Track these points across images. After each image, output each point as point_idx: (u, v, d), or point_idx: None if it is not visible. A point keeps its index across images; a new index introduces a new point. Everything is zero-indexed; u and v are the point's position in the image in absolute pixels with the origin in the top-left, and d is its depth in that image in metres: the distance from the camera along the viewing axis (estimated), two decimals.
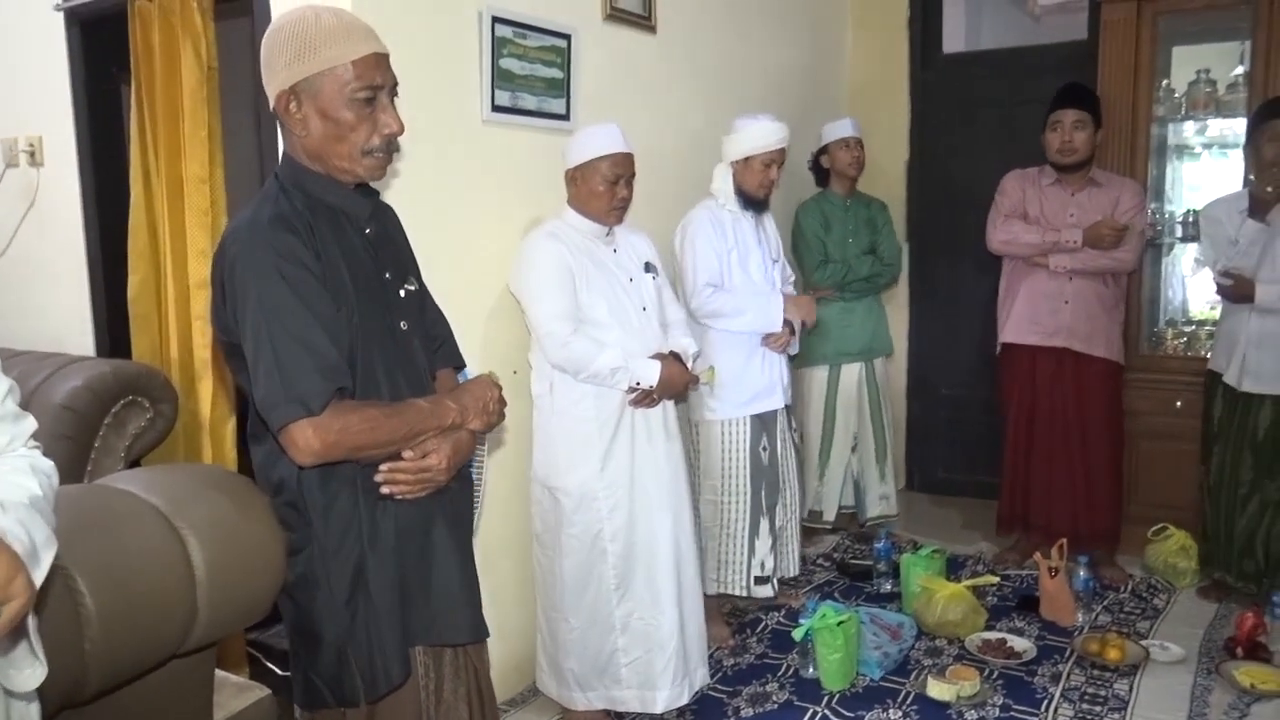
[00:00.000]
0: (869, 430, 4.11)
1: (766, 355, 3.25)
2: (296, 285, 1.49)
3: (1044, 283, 3.67)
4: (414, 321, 1.71)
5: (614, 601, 2.68)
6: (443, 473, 1.63)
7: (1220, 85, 3.93)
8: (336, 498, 1.59)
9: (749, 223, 3.26)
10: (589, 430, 2.65)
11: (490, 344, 2.76)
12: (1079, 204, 3.64)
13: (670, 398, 2.79)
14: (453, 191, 2.65)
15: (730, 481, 3.21)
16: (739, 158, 3.17)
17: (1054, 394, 3.70)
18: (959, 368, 4.81)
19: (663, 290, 2.92)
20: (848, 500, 4.19)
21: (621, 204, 2.72)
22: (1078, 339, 3.63)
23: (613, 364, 2.60)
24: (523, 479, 2.85)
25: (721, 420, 3.20)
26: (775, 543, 3.26)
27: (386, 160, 1.62)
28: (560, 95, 2.96)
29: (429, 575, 1.68)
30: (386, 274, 1.67)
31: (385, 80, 1.58)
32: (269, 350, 1.47)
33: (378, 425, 1.53)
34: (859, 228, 4.06)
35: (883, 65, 4.83)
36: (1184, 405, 3.85)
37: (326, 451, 1.50)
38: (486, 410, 1.71)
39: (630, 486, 2.69)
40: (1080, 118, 3.59)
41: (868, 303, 4.07)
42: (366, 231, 1.66)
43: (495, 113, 2.74)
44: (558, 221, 2.74)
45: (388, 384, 1.61)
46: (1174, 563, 3.67)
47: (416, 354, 1.70)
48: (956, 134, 4.73)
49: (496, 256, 2.77)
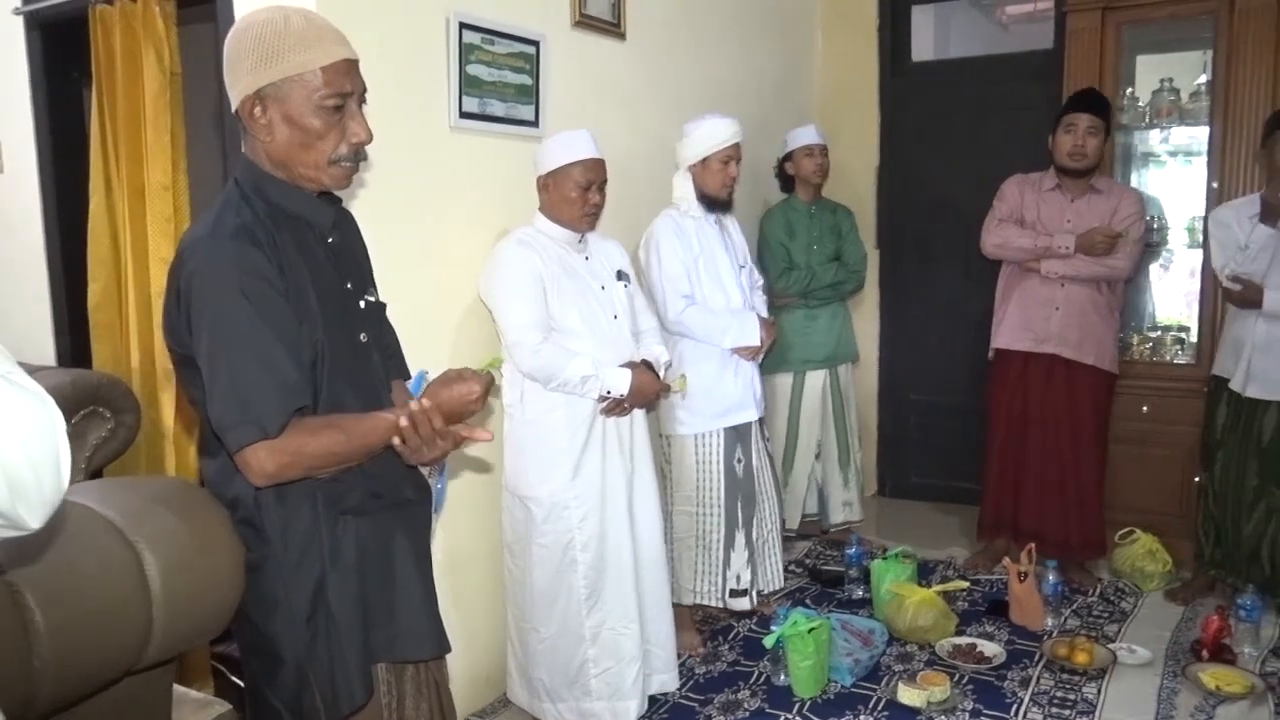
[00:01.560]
0: (832, 437, 4.13)
1: (740, 366, 3.23)
2: (258, 301, 1.45)
3: (1036, 289, 3.67)
4: (373, 333, 1.67)
5: (584, 612, 2.66)
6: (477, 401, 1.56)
7: (1184, 94, 3.99)
8: (295, 514, 1.55)
9: (713, 228, 3.24)
10: (560, 439, 2.64)
11: (460, 353, 2.74)
12: (1077, 210, 3.64)
13: (642, 406, 2.78)
14: (421, 199, 2.63)
15: (705, 495, 3.18)
16: (695, 160, 3.15)
17: (1045, 401, 3.70)
18: (930, 373, 4.84)
19: (635, 298, 2.90)
20: (812, 508, 4.20)
21: (594, 210, 2.71)
22: (1068, 346, 3.63)
23: (583, 372, 2.58)
24: (494, 488, 2.83)
25: (694, 434, 3.18)
26: (752, 556, 3.23)
27: (353, 169, 1.59)
28: (529, 102, 2.94)
29: (391, 590, 1.65)
30: (348, 284, 1.64)
31: (355, 87, 1.55)
32: (226, 368, 1.43)
33: (335, 447, 1.49)
34: (824, 234, 4.07)
35: (852, 72, 4.85)
36: (1150, 410, 3.88)
37: (280, 474, 1.47)
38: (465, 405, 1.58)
39: (601, 496, 2.67)
40: (1095, 124, 3.56)
41: (832, 309, 4.08)
42: (329, 241, 1.63)
43: (463, 119, 2.72)
44: (529, 229, 2.73)
45: (351, 398, 1.58)
46: (1141, 566, 3.70)
47: (375, 367, 1.67)
48: (926, 140, 4.76)
49: (466, 264, 2.75)
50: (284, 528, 1.55)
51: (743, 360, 3.23)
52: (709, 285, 3.19)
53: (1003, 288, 3.83)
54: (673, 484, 3.22)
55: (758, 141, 4.12)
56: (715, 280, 3.20)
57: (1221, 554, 3.52)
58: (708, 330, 3.15)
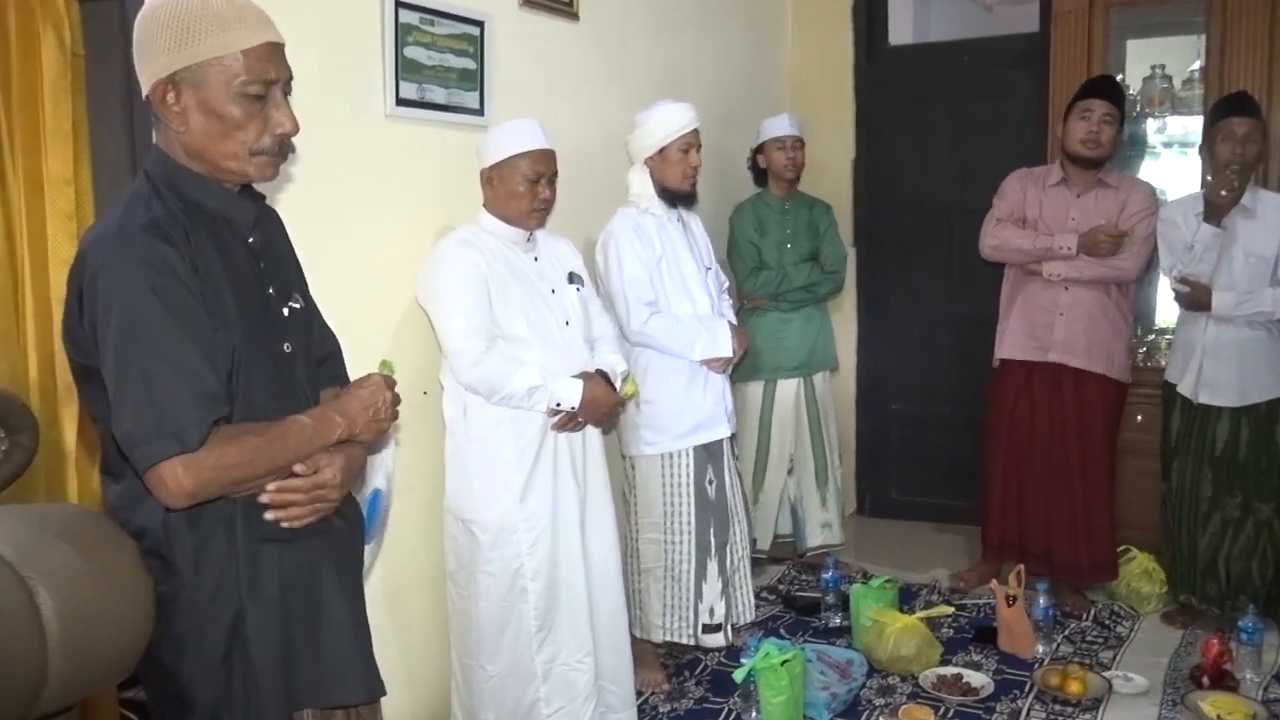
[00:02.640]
0: (808, 451, 4.14)
1: (709, 379, 3.23)
2: (170, 301, 1.43)
3: (1039, 293, 3.70)
4: (299, 343, 1.66)
5: (535, 646, 2.65)
6: (336, 490, 1.60)
7: (1176, 81, 4.07)
8: (209, 541, 1.53)
9: (675, 227, 3.24)
10: (507, 458, 2.62)
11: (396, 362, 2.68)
12: (1082, 208, 3.67)
13: (596, 421, 2.78)
14: (353, 194, 2.61)
15: (673, 520, 3.16)
16: (652, 152, 3.13)
17: (1052, 414, 3.73)
18: (912, 382, 4.88)
19: (589, 302, 2.90)
20: (785, 528, 4.21)
21: (544, 205, 2.71)
22: (1074, 354, 3.66)
23: (530, 383, 2.58)
24: (434, 511, 2.81)
25: (661, 454, 3.16)
26: (726, 586, 3.22)
27: (278, 161, 1.58)
28: (473, 88, 2.94)
29: (317, 627, 1.62)
30: (270, 290, 1.62)
31: (279, 73, 1.54)
32: (136, 376, 1.41)
33: (258, 454, 1.49)
34: (798, 232, 4.10)
35: (826, 58, 4.90)
36: (1145, 420, 3.95)
37: (199, 491, 1.45)
38: (378, 418, 1.67)
39: (553, 519, 2.66)
40: (1111, 112, 3.58)
41: (807, 313, 4.09)
42: (250, 241, 1.62)
43: (400, 107, 2.71)
44: (472, 227, 2.72)
45: (270, 413, 1.56)
46: (1137, 587, 3.76)
47: (300, 380, 1.66)
48: (906, 130, 4.82)
49: (404, 266, 2.74)
50: (196, 557, 1.52)
51: (713, 372, 3.24)
52: (674, 290, 3.19)
53: (1007, 293, 3.86)
54: (637, 510, 3.21)
55: (724, 132, 4.15)
56: (680, 284, 3.20)
57: (1178, 570, 3.60)
58: (675, 341, 3.14)
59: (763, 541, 4.11)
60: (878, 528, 4.88)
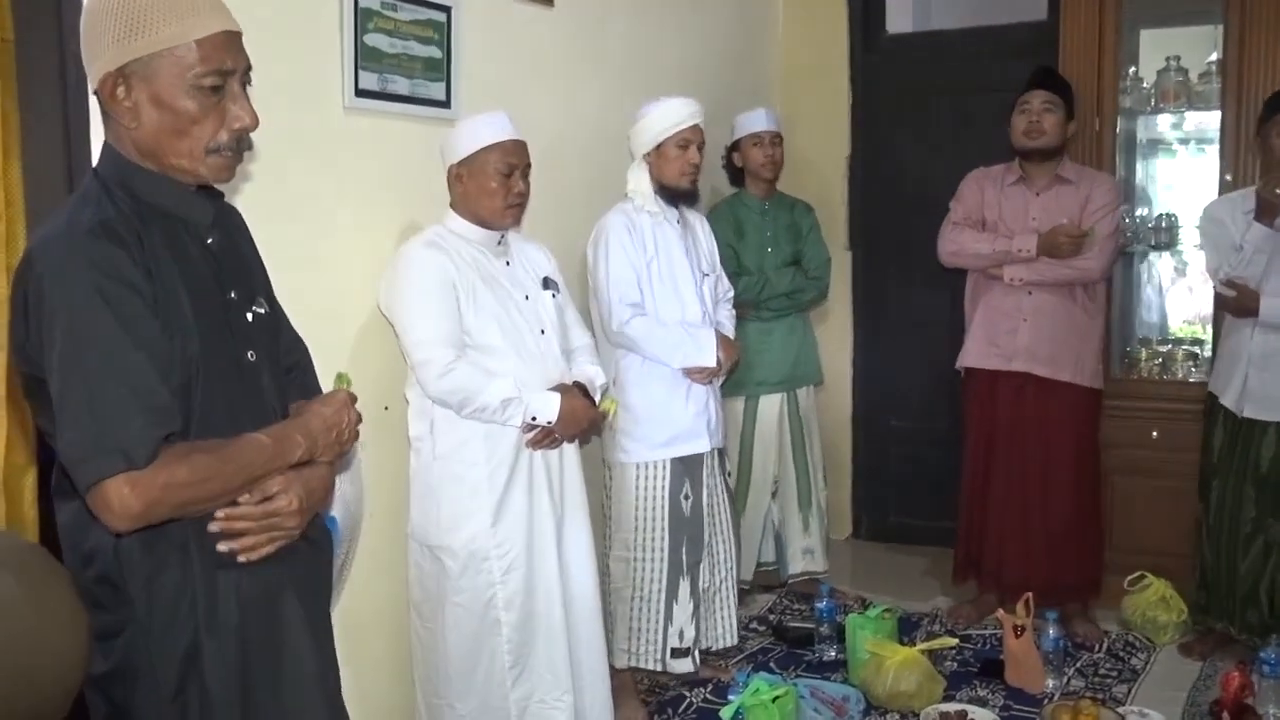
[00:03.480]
0: (791, 472, 4.14)
1: (692, 389, 3.26)
2: (120, 309, 1.44)
3: (1001, 299, 3.78)
4: (264, 351, 1.67)
5: (509, 683, 2.64)
6: (295, 517, 1.59)
7: (1192, 74, 4.10)
8: (163, 566, 1.53)
9: (674, 228, 3.27)
10: (478, 477, 2.62)
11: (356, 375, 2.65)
12: (1043, 206, 3.75)
13: (574, 437, 2.78)
14: (308, 193, 2.60)
15: (645, 535, 3.20)
16: (650, 148, 3.20)
17: (1015, 425, 3.80)
18: (912, 395, 4.90)
19: (565, 310, 2.91)
20: (769, 555, 4.21)
21: (519, 200, 2.72)
22: (1039, 362, 3.73)
23: (503, 395, 2.58)
24: (397, 537, 2.80)
25: (636, 463, 3.20)
26: (698, 609, 3.25)
27: (236, 159, 1.59)
28: (440, 78, 2.94)
29: (279, 661, 1.62)
30: (232, 294, 1.63)
31: (236, 64, 1.55)
32: (81, 388, 1.42)
33: (210, 474, 1.49)
34: (779, 234, 4.11)
35: (818, 46, 4.93)
36: (1161, 435, 3.98)
37: (147, 513, 1.44)
38: (340, 439, 1.68)
39: (528, 544, 2.66)
40: (1050, 99, 3.70)
41: (789, 323, 4.10)
42: (208, 242, 1.62)
43: (360, 98, 2.71)
44: (439, 228, 2.72)
45: (230, 430, 1.56)
46: (1154, 616, 3.78)
47: (266, 391, 1.66)
48: (904, 125, 4.85)
49: (364, 271, 2.73)
50: (149, 583, 1.52)
51: (696, 383, 3.25)
52: (663, 293, 3.21)
53: (969, 298, 3.94)
54: (611, 523, 3.24)
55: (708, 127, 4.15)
56: (671, 288, 3.23)
57: (1207, 597, 3.62)
58: (656, 346, 3.17)
59: (744, 571, 4.09)
60: (875, 553, 4.89)
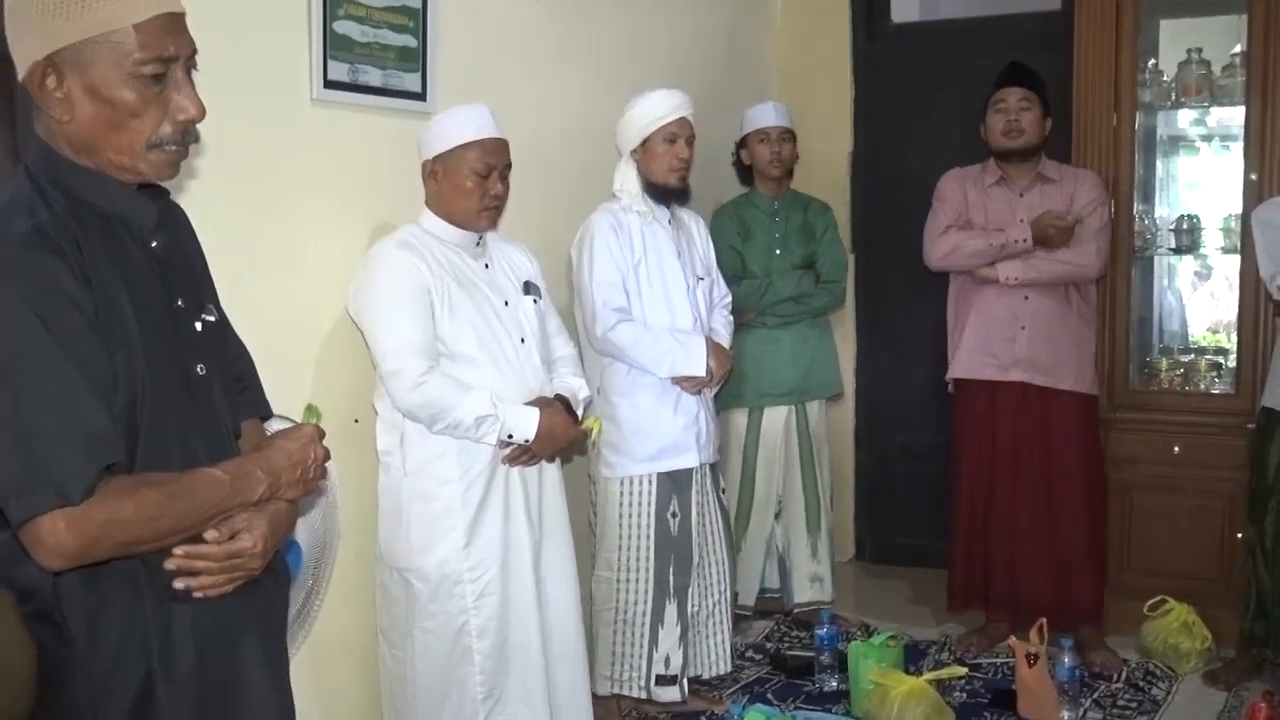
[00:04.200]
0: (797, 492, 4.13)
1: (681, 400, 3.26)
2: (55, 325, 1.40)
3: (994, 303, 3.80)
4: (214, 363, 1.64)
5: (481, 715, 2.64)
6: (259, 558, 1.57)
7: (1215, 66, 4.12)
8: (108, 602, 1.49)
9: (665, 229, 3.28)
10: (450, 495, 2.62)
11: (324, 385, 2.71)
12: (1028, 205, 3.80)
13: (554, 455, 2.78)
14: (274, 191, 2.60)
15: (629, 555, 3.21)
16: (636, 143, 3.21)
17: (1016, 439, 3.81)
18: (918, 408, 4.89)
19: (547, 317, 2.91)
20: (772, 582, 4.20)
21: (495, 203, 2.72)
22: (1039, 371, 3.76)
23: (478, 411, 2.57)
24: (365, 558, 2.79)
25: (621, 477, 3.21)
26: (685, 634, 3.25)
27: (181, 154, 1.56)
28: (414, 69, 2.94)
29: (236, 705, 1.60)
30: (179, 301, 1.60)
31: (180, 48, 1.51)
32: (11, 414, 1.38)
33: (158, 512, 1.45)
34: (790, 236, 4.11)
35: (819, 36, 4.94)
36: (1183, 450, 3.98)
37: (84, 552, 1.41)
38: (305, 477, 1.65)
39: (503, 568, 2.66)
40: (1027, 97, 3.76)
41: (799, 331, 4.09)
42: (152, 245, 1.59)
43: (329, 90, 2.71)
44: (413, 228, 2.72)
45: (180, 451, 1.54)
46: (1175, 643, 3.77)
47: (218, 407, 1.64)
48: (910, 121, 4.86)
49: (333, 273, 2.73)
50: (92, 621, 1.48)
51: (685, 392, 3.25)
52: (651, 298, 3.22)
53: (954, 305, 3.96)
54: (595, 540, 3.24)
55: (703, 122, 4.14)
56: (660, 292, 3.24)
57: (1265, 627, 3.61)
58: (642, 353, 3.18)
59: (746, 597, 4.10)
60: (880, 576, 4.89)
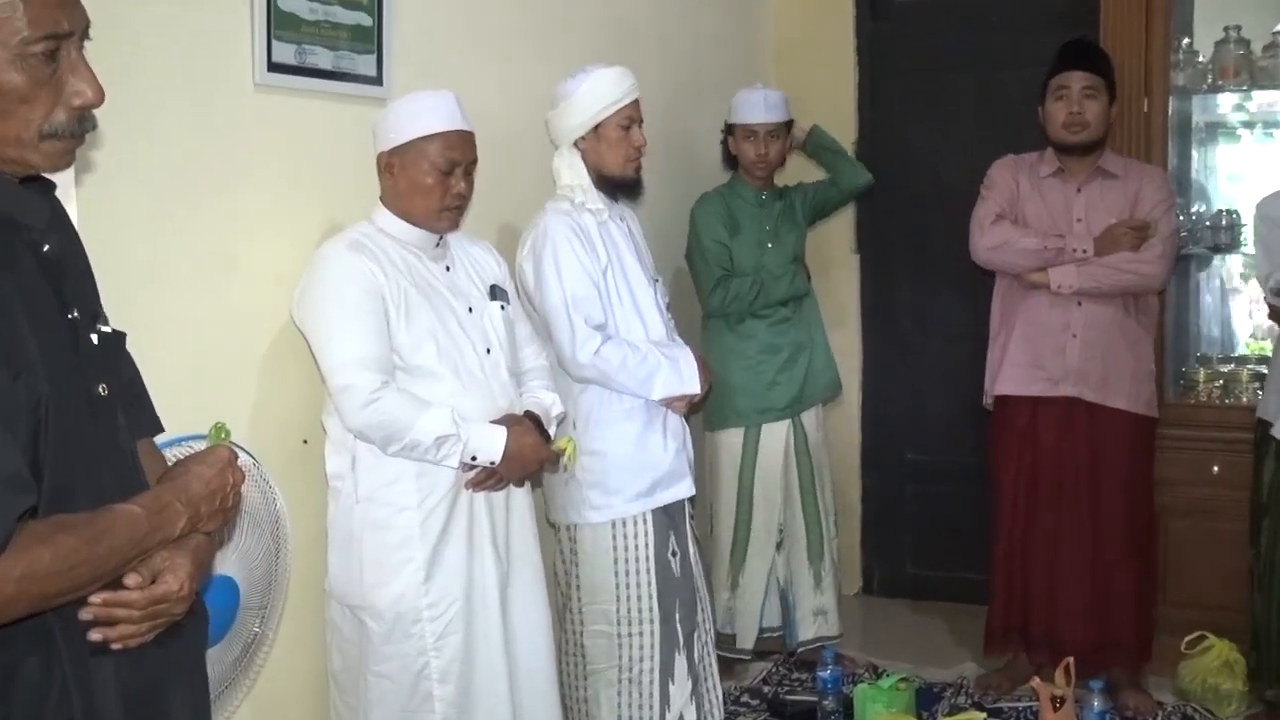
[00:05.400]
0: (798, 517, 4.12)
1: (669, 423, 3.24)
2: None
3: (1044, 311, 3.78)
4: (114, 382, 1.61)
5: None
6: (184, 601, 1.55)
7: (1256, 46, 4.14)
8: (21, 659, 1.45)
9: (618, 226, 3.27)
10: (408, 524, 2.61)
11: (268, 403, 2.69)
12: (1087, 202, 3.78)
13: (522, 479, 2.77)
14: (211, 186, 2.58)
15: (630, 606, 3.14)
16: (585, 131, 3.15)
17: (1060, 460, 3.79)
18: (932, 423, 4.91)
19: (516, 324, 2.91)
20: (773, 620, 4.19)
21: (457, 203, 2.72)
22: (1089, 386, 3.74)
23: (438, 430, 2.56)
24: (315, 595, 2.78)
25: (613, 520, 3.15)
26: (696, 685, 3.22)
27: (74, 144, 1.53)
28: (369, 50, 2.94)
29: None
30: (74, 312, 1.56)
31: (74, 24, 1.47)
32: None
33: (77, 559, 1.41)
34: (779, 227, 4.12)
35: (818, 15, 4.97)
36: (1223, 471, 3.99)
37: (6, 610, 1.37)
38: (224, 505, 1.62)
39: (467, 604, 2.65)
40: (1092, 83, 3.73)
41: (795, 334, 4.08)
42: (45, 250, 1.55)
43: (273, 74, 2.69)
44: (365, 227, 2.72)
45: (88, 485, 1.51)
46: (1215, 683, 3.78)
47: (121, 432, 1.61)
48: (920, 107, 4.89)
49: (278, 277, 2.72)
50: (4, 688, 1.44)
51: (672, 413, 3.25)
52: (622, 310, 3.20)
53: (999, 312, 3.95)
54: (580, 595, 3.18)
55: (690, 108, 4.18)
56: (629, 301, 3.22)
57: (1266, 659, 3.62)
58: (632, 375, 3.12)
59: (745, 638, 4.09)
60: (889, 611, 4.90)
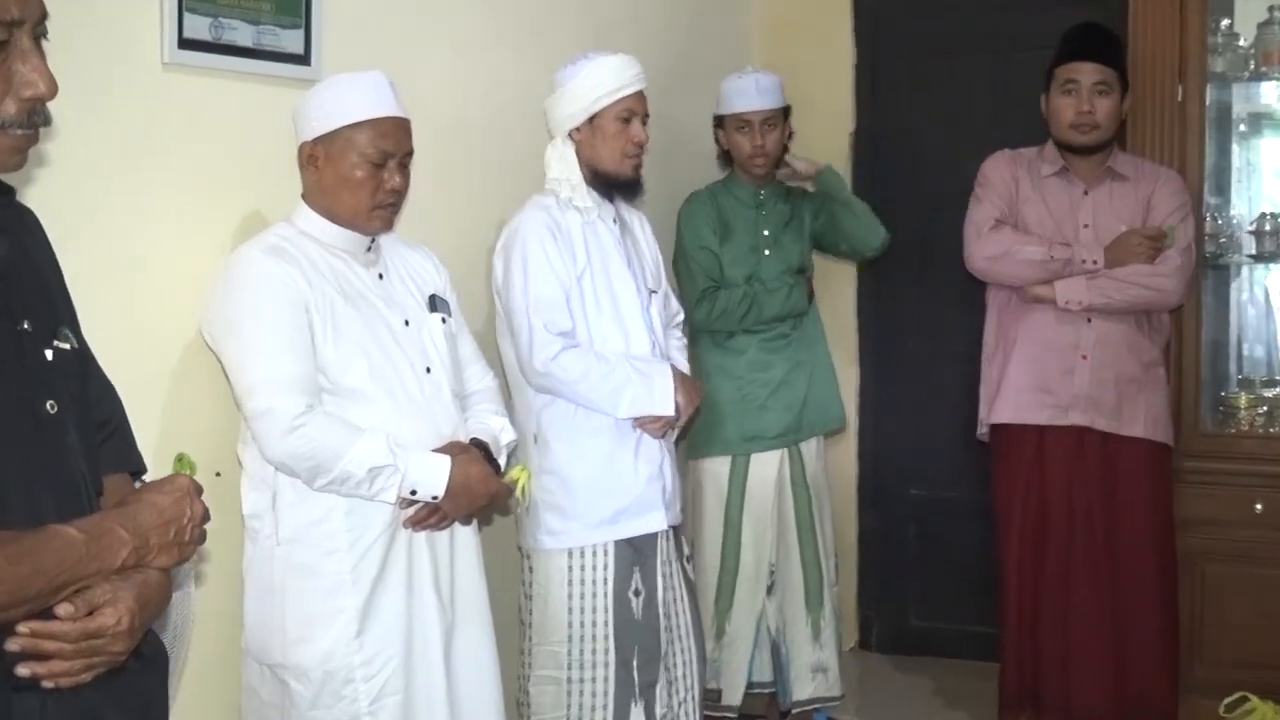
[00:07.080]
0: (794, 559, 4.12)
1: (643, 446, 3.26)
2: None
3: (1050, 328, 3.79)
4: (68, 400, 1.65)
5: None
6: (123, 639, 1.57)
7: None
8: None
9: (609, 229, 3.29)
10: (338, 570, 2.61)
11: (176, 430, 2.68)
12: (1095, 207, 3.81)
13: (469, 516, 2.77)
14: (112, 176, 2.59)
15: (583, 648, 3.19)
16: (581, 121, 3.20)
17: (1070, 497, 3.81)
18: (937, 455, 4.91)
19: (459, 340, 2.91)
20: (763, 674, 4.19)
21: (391, 199, 2.73)
22: (1102, 413, 3.75)
23: (372, 461, 2.56)
24: (229, 651, 2.77)
25: (570, 549, 3.18)
26: None
27: (27, 140, 1.59)
28: (296, 24, 2.95)
29: None
30: (25, 324, 1.62)
31: (25, 12, 1.54)
32: None
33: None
34: (778, 233, 4.12)
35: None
36: (1267, 509, 4.00)
37: None
38: (180, 540, 1.65)
39: (407, 660, 2.65)
40: (1104, 78, 3.75)
41: (791, 353, 4.09)
42: None
43: (185, 51, 2.70)
44: (285, 228, 2.73)
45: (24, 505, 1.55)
46: None
47: (71, 453, 1.65)
48: (926, 93, 4.92)
49: (188, 284, 2.72)
50: None
51: (648, 435, 3.26)
52: (599, 317, 3.23)
53: (994, 328, 3.97)
54: (530, 631, 3.22)
55: (670, 96, 4.18)
56: (610, 310, 3.25)
57: None
58: (594, 388, 3.16)
59: (731, 694, 4.08)
60: (890, 669, 4.91)
